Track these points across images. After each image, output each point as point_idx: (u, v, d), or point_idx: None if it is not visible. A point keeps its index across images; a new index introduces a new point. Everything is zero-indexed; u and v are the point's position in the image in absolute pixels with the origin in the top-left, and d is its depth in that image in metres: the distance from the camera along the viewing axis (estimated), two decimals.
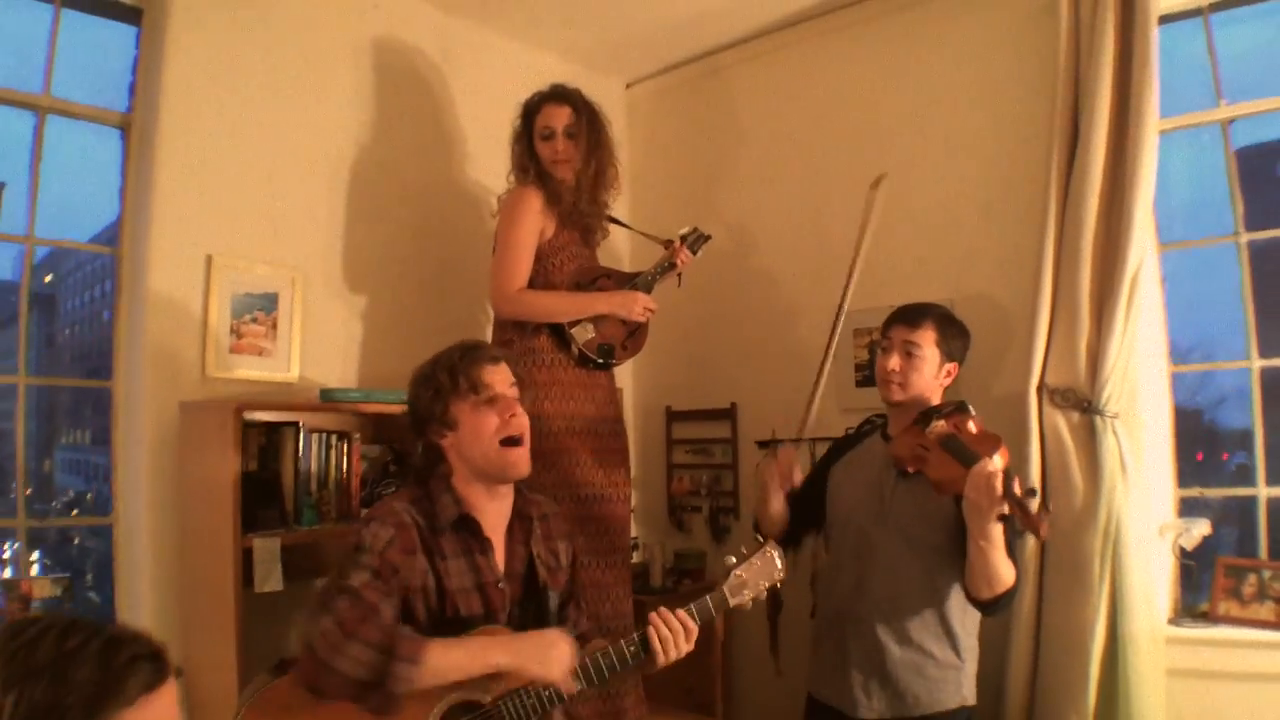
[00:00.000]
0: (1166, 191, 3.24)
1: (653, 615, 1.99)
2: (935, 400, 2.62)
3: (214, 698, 2.53)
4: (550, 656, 1.89)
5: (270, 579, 2.43)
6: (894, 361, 2.57)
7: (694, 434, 4.04)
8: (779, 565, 2.18)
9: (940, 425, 2.44)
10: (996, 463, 2.20)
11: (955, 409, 2.49)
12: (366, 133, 3.35)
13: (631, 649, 1.98)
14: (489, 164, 3.50)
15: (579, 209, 3.05)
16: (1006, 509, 2.16)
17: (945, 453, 2.35)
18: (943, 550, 2.48)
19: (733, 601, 2.09)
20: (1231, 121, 3.09)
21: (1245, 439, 3.10)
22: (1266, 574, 2.91)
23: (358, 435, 2.92)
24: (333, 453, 2.84)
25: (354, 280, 3.27)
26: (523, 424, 2.07)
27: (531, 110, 3.04)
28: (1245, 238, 3.04)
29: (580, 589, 2.36)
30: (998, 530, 2.25)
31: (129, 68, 2.98)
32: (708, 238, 3.22)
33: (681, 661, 2.03)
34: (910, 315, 2.61)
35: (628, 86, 4.39)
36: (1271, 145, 3.33)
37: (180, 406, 2.71)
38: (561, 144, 2.98)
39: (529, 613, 2.12)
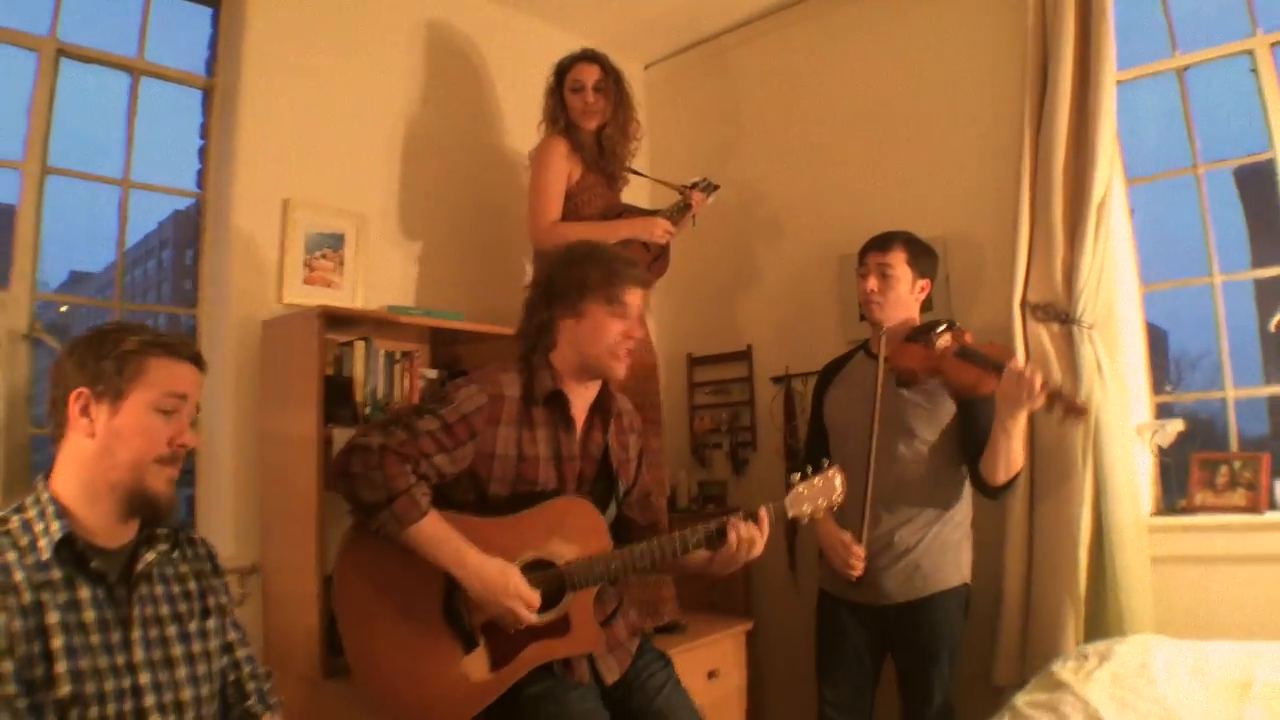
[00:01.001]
0: (1136, 133, 3.60)
1: (733, 519, 2.22)
2: (915, 315, 2.95)
3: (293, 592, 2.82)
4: (503, 597, 2.09)
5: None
6: (872, 283, 2.91)
7: (713, 376, 4.32)
8: (838, 487, 2.35)
9: (945, 339, 2.76)
10: (1025, 374, 2.52)
11: (948, 325, 2.80)
12: (417, 97, 3.73)
13: (709, 534, 2.22)
14: (519, 128, 3.87)
15: (603, 155, 3.40)
16: (1044, 401, 2.48)
17: (962, 361, 2.65)
18: (939, 446, 2.80)
19: (791, 512, 2.29)
20: (1186, 69, 3.43)
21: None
22: (1237, 464, 3.19)
23: (418, 355, 3.25)
24: (396, 368, 3.16)
25: (406, 224, 3.63)
26: (634, 344, 2.33)
27: (564, 68, 3.39)
28: (1202, 169, 3.38)
29: (649, 485, 2.60)
30: (1023, 420, 2.59)
31: (205, 41, 3.38)
32: (716, 187, 3.55)
33: (707, 585, 2.32)
34: (881, 241, 2.94)
35: (646, 68, 4.73)
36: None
37: (263, 325, 3.05)
38: (591, 97, 3.33)
39: (597, 494, 2.35)
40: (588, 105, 3.34)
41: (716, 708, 2.43)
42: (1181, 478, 3.32)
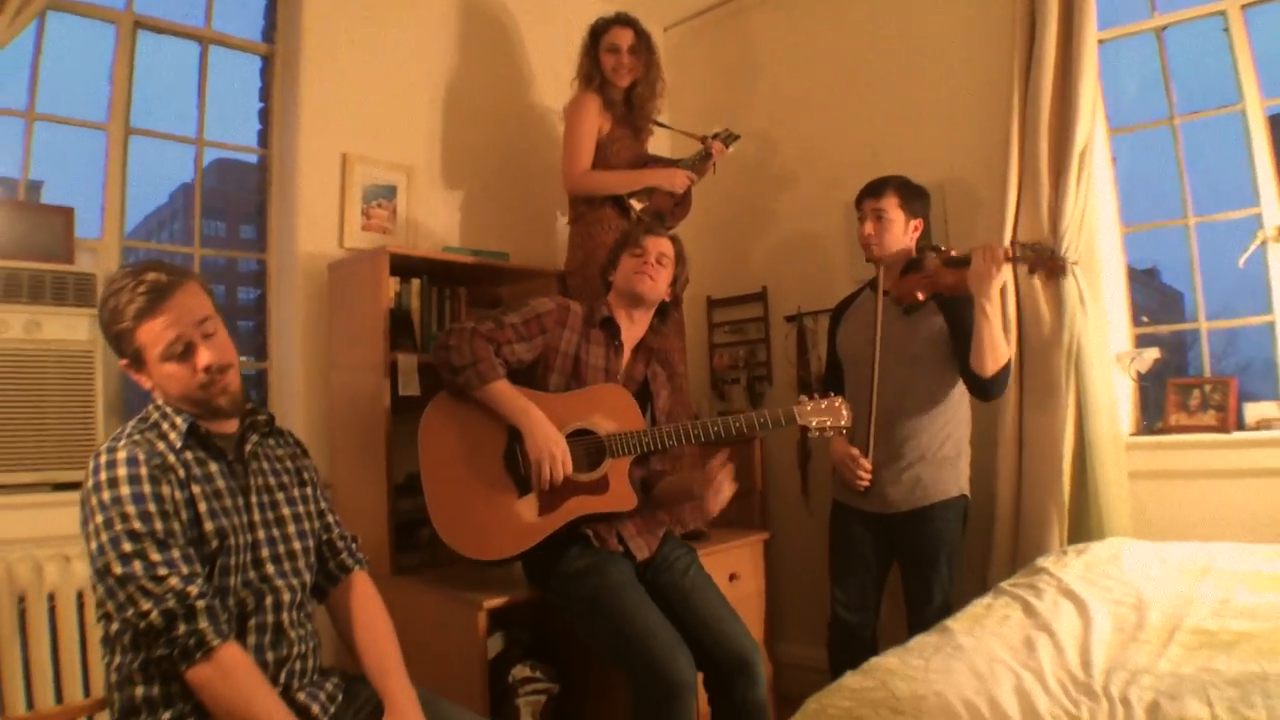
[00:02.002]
0: (1118, 87, 3.90)
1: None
2: (911, 252, 3.27)
3: (363, 502, 3.12)
4: (549, 446, 2.60)
5: (410, 385, 3.10)
6: (868, 227, 3.24)
7: (731, 317, 4.62)
8: (844, 415, 2.79)
9: (932, 259, 3.11)
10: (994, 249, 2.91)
11: (931, 247, 3.16)
12: (457, 58, 4.04)
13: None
14: (550, 83, 4.23)
15: (631, 111, 3.71)
16: (1033, 267, 2.98)
17: (949, 268, 3.04)
18: (939, 362, 3.12)
19: (799, 420, 2.75)
20: (1165, 29, 3.72)
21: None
22: (1208, 388, 3.51)
23: (467, 292, 3.59)
24: (448, 303, 3.50)
25: (450, 175, 3.96)
26: (647, 276, 2.87)
27: (600, 30, 3.68)
28: (1178, 120, 3.68)
29: (675, 413, 3.10)
30: (997, 298, 2.94)
31: (260, 11, 3.69)
32: (737, 137, 3.83)
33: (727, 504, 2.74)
34: (874, 188, 3.27)
35: (665, 30, 4.98)
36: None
37: (329, 267, 3.38)
38: (626, 59, 3.62)
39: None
40: (621, 65, 3.63)
41: (737, 606, 2.73)
42: (1162, 401, 3.64)
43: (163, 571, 1.65)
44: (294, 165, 3.46)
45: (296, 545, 1.98)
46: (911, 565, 3.16)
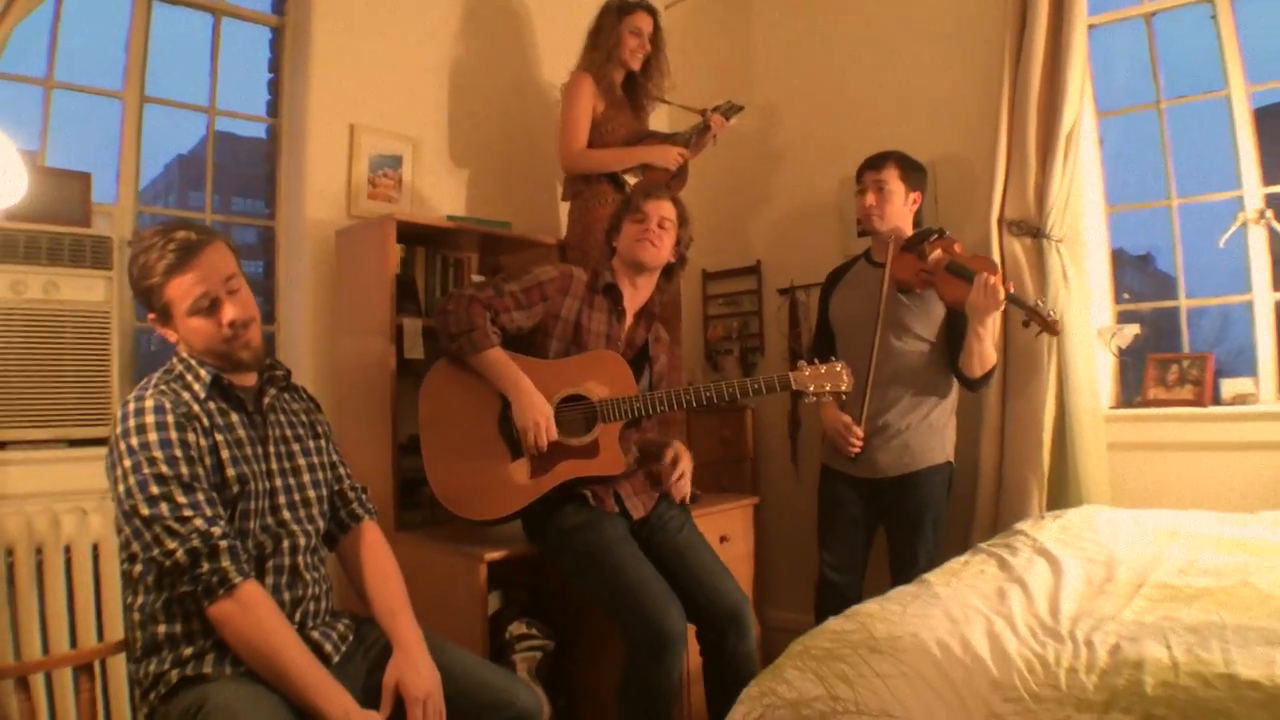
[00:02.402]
0: (1109, 71, 4.00)
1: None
2: (908, 226, 3.37)
3: (368, 459, 3.18)
4: (534, 414, 2.70)
5: (415, 348, 3.22)
6: (870, 198, 3.34)
7: (725, 289, 4.72)
8: (845, 380, 2.85)
9: (936, 252, 3.19)
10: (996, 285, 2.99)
11: (939, 235, 3.23)
12: (462, 32, 4.11)
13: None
14: (551, 59, 4.32)
15: (632, 90, 3.82)
16: (1027, 320, 3.00)
17: (951, 275, 3.12)
18: (930, 342, 3.24)
19: (795, 385, 2.83)
20: (1154, 15, 3.82)
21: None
22: (1185, 363, 3.63)
23: (468, 261, 3.69)
24: (451, 270, 3.61)
25: (454, 147, 4.05)
26: (649, 243, 2.92)
27: (626, 10, 3.74)
28: (1164, 105, 3.79)
29: (671, 379, 3.23)
30: (991, 326, 3.07)
31: None
32: (740, 108, 3.92)
33: (718, 471, 2.84)
34: (875, 160, 3.37)
35: (666, 7, 5.04)
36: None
37: (337, 233, 3.47)
38: (647, 45, 3.74)
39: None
40: (642, 48, 3.74)
41: (728, 566, 2.88)
42: (1143, 376, 3.76)
43: (188, 513, 1.76)
44: (303, 135, 3.55)
45: (311, 493, 2.08)
46: (897, 529, 3.29)
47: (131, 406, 1.83)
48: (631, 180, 3.65)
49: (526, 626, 3.10)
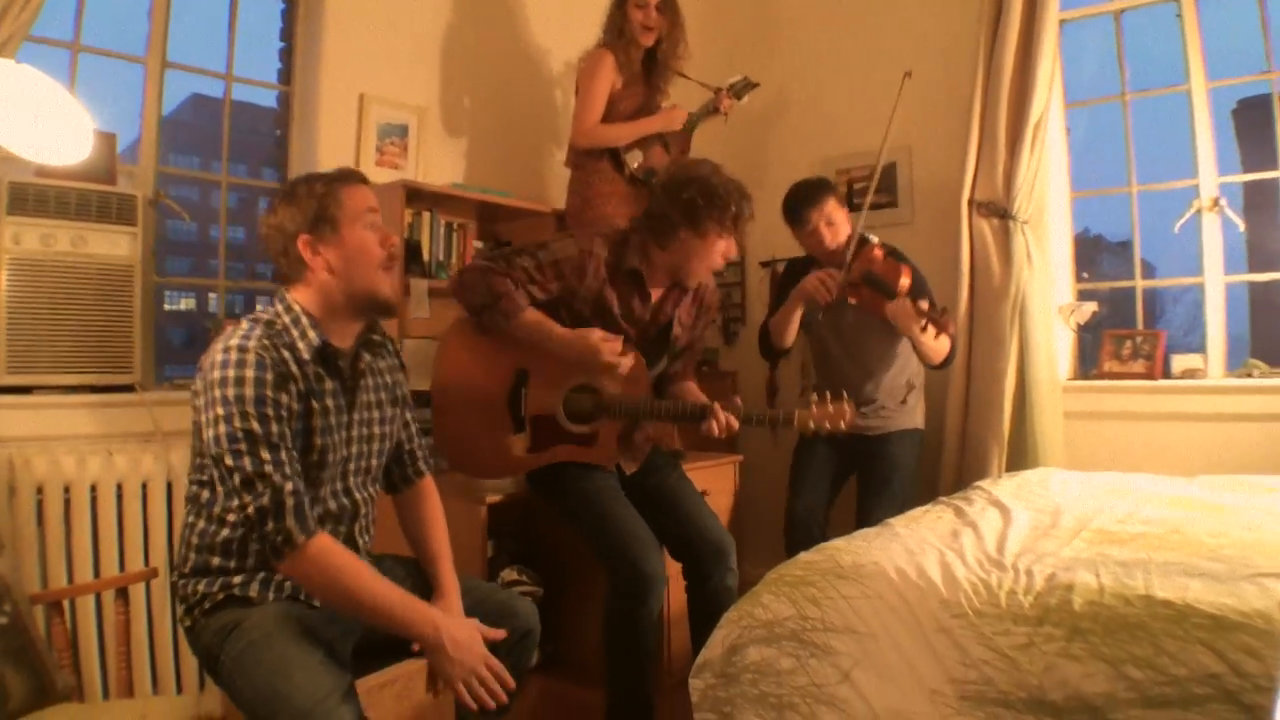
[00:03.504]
0: (1078, 64, 4.24)
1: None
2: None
3: None
4: (588, 351, 2.74)
5: (421, 307, 3.43)
6: (825, 234, 3.53)
7: None
8: (846, 419, 2.83)
9: (856, 265, 3.40)
10: (904, 285, 3.23)
11: (859, 244, 3.44)
12: (464, 8, 4.27)
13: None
14: (550, 31, 4.51)
15: (650, 68, 3.90)
16: (924, 322, 3.19)
17: (868, 287, 3.36)
18: (888, 333, 3.49)
19: (797, 424, 2.85)
20: (1123, 12, 4.06)
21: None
22: (1139, 339, 3.90)
23: (469, 227, 3.90)
24: (455, 236, 3.81)
25: (458, 117, 4.22)
26: (710, 272, 2.92)
27: None
28: (1129, 97, 4.03)
29: (699, 351, 3.26)
30: (919, 330, 3.27)
31: None
32: (755, 85, 4.00)
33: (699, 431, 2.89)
34: (813, 198, 3.55)
35: None
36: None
37: None
38: (654, 15, 3.79)
39: (652, 349, 2.99)
40: (649, 20, 3.77)
41: None
42: (1096, 351, 4.03)
43: (268, 469, 1.81)
44: (315, 103, 3.73)
45: (375, 462, 2.17)
46: (867, 484, 3.54)
47: (234, 355, 1.86)
48: (631, 162, 3.80)
49: (517, 573, 3.30)
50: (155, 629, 3.01)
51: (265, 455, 1.82)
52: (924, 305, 3.23)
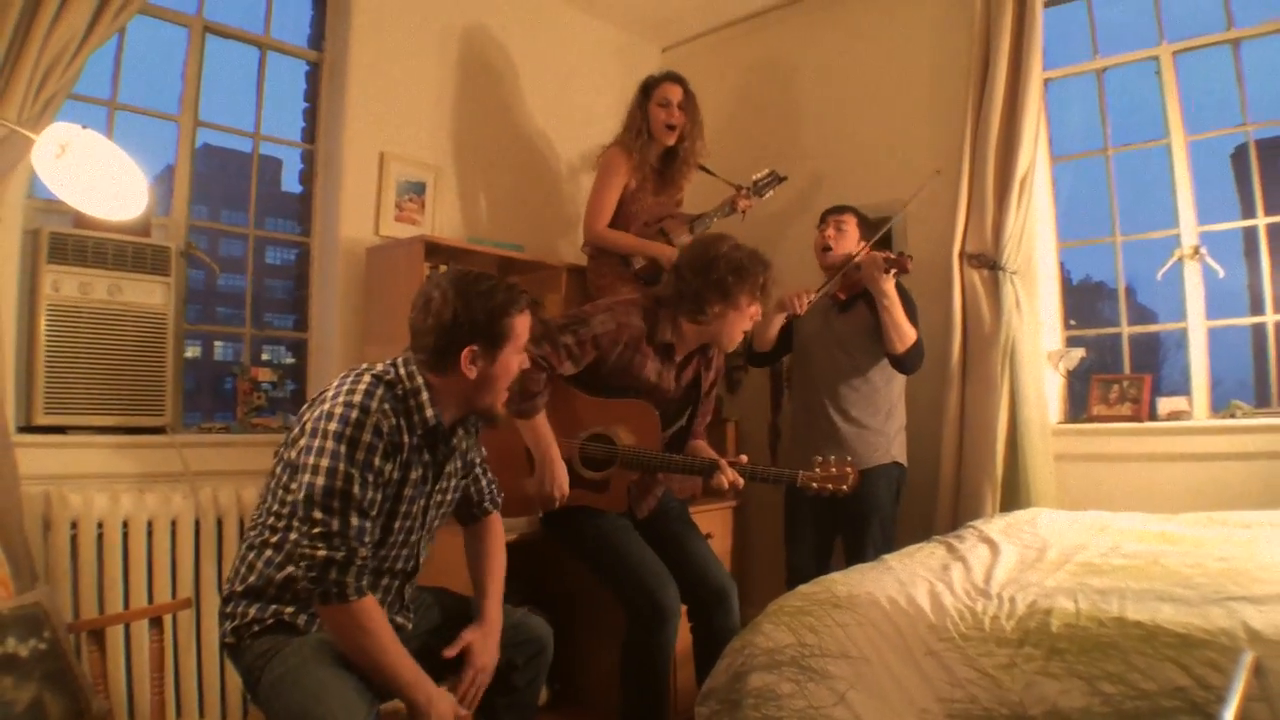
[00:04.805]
0: (1064, 120, 4.44)
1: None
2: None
3: None
4: (552, 487, 2.91)
5: None
6: (830, 232, 3.81)
7: None
8: (850, 482, 2.93)
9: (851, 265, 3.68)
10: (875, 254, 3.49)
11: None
12: (482, 75, 4.52)
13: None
14: (551, 96, 4.77)
15: (668, 165, 4.06)
16: (890, 270, 3.43)
17: (854, 269, 3.64)
18: (867, 350, 3.67)
19: (800, 483, 2.95)
20: (1105, 70, 4.27)
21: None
22: (1126, 383, 4.05)
23: None
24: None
25: (472, 177, 4.44)
26: (742, 332, 3.07)
27: (652, 85, 3.98)
28: (1111, 151, 4.23)
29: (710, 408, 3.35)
30: (891, 291, 3.48)
31: (307, 21, 4.18)
32: (782, 179, 4.17)
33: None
34: (840, 208, 3.88)
35: (664, 50, 5.49)
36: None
37: (368, 251, 3.86)
38: (676, 113, 3.96)
39: (675, 409, 3.17)
40: (673, 119, 3.93)
41: None
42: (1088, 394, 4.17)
43: (350, 533, 1.95)
44: (339, 161, 3.94)
45: (437, 523, 2.31)
46: (848, 525, 3.68)
47: (355, 415, 1.97)
48: (637, 264, 3.96)
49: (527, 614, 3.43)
50: (180, 659, 3.14)
51: (354, 520, 1.96)
52: (889, 254, 3.50)
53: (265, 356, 4.30)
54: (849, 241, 3.78)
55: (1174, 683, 1.80)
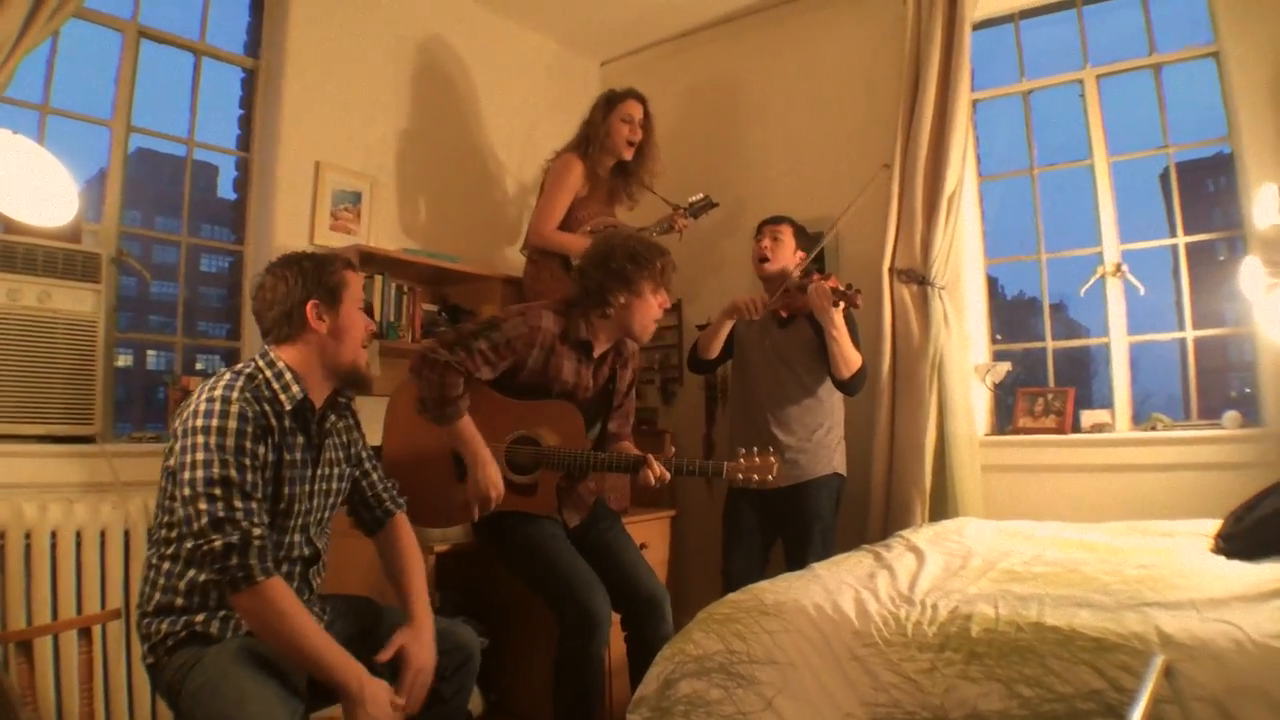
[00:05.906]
0: (991, 140, 4.56)
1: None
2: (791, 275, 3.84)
3: None
4: (487, 486, 2.92)
5: (373, 366, 3.56)
6: (766, 243, 3.87)
7: None
8: (774, 473, 3.02)
9: (792, 284, 3.74)
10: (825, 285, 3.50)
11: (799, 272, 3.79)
12: (419, 87, 4.52)
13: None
14: (496, 115, 4.80)
15: (619, 179, 4.14)
16: (838, 302, 3.46)
17: (799, 291, 3.66)
18: (809, 366, 3.73)
19: (727, 475, 3.02)
20: (1031, 92, 4.39)
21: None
22: (1050, 396, 4.17)
23: (419, 290, 4.07)
24: (405, 298, 3.97)
25: (407, 188, 4.43)
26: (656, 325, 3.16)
27: (617, 99, 4.04)
28: (1037, 170, 4.35)
29: (629, 408, 3.38)
30: (840, 322, 3.52)
31: (243, 28, 4.15)
32: (714, 204, 4.29)
33: (638, 486, 3.07)
34: (776, 218, 3.93)
35: (602, 64, 5.54)
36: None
37: None
38: (638, 131, 4.04)
39: (595, 409, 3.20)
40: (635, 135, 4.02)
41: None
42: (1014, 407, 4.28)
43: (238, 515, 1.95)
44: (273, 169, 3.92)
45: (328, 514, 2.33)
46: (789, 535, 3.74)
47: (217, 405, 2.02)
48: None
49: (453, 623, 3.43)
50: (110, 670, 3.08)
51: (238, 503, 1.97)
52: (837, 284, 3.55)
53: (199, 365, 4.27)
54: (785, 251, 3.84)
55: (1089, 685, 1.86)
